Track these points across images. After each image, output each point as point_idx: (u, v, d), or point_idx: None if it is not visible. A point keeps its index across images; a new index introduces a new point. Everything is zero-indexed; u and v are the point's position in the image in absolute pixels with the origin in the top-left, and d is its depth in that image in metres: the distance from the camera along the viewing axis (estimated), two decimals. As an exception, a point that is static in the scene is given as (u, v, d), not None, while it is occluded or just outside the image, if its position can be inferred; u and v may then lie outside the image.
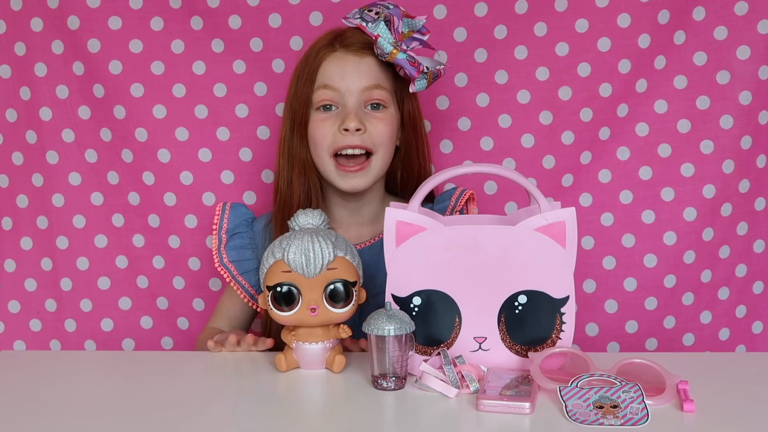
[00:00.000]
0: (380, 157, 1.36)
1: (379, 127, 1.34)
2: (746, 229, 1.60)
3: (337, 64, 1.34)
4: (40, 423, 1.00)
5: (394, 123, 1.37)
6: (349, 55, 1.34)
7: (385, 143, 1.36)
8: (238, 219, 1.44)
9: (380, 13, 1.33)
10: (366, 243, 1.41)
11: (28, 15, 1.59)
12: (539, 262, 1.10)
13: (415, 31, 1.35)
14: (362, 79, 1.33)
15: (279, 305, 1.13)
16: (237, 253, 1.42)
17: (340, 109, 1.34)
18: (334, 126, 1.34)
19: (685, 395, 1.01)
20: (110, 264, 1.64)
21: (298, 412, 1.05)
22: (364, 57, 1.34)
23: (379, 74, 1.35)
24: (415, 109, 1.41)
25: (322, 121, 1.35)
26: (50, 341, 1.66)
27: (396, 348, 1.07)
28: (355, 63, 1.34)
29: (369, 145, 1.34)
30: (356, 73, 1.34)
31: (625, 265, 1.60)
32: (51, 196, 1.63)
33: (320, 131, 1.35)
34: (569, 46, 1.56)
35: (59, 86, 1.60)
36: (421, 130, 1.44)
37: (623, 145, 1.58)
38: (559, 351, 1.10)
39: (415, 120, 1.42)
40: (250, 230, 1.44)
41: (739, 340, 1.63)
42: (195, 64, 1.59)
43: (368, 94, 1.34)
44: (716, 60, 1.55)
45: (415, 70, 1.31)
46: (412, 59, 1.32)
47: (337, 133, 1.33)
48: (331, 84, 1.33)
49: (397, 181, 1.46)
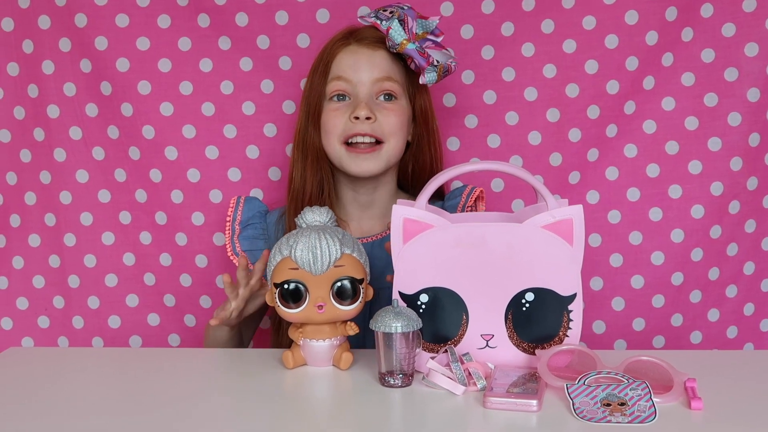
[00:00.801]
0: (391, 146, 1.38)
1: (389, 117, 1.36)
2: (754, 226, 1.59)
3: (350, 57, 1.37)
4: (48, 419, 1.00)
5: (405, 115, 1.39)
6: (362, 48, 1.37)
7: (395, 133, 1.37)
8: (252, 211, 1.46)
9: (394, 12, 1.35)
10: (377, 236, 1.42)
11: (35, 13, 1.59)
12: (546, 259, 1.10)
13: (429, 33, 1.37)
14: (374, 71, 1.36)
15: (286, 302, 1.14)
16: (250, 243, 1.43)
17: (352, 99, 1.37)
18: (346, 115, 1.36)
19: (693, 393, 1.01)
20: (117, 261, 1.64)
21: (305, 409, 1.05)
22: (376, 50, 1.37)
23: (391, 67, 1.38)
24: (426, 104, 1.43)
25: (335, 110, 1.37)
26: (58, 338, 1.66)
27: (403, 345, 1.07)
28: (367, 56, 1.37)
29: (379, 134, 1.36)
30: (368, 65, 1.36)
31: (633, 262, 1.59)
32: (59, 194, 1.63)
33: (332, 120, 1.37)
34: (576, 43, 1.55)
35: (66, 84, 1.60)
36: (433, 125, 1.45)
37: (630, 143, 1.58)
38: (567, 348, 1.10)
39: (427, 114, 1.43)
40: (263, 222, 1.45)
41: (747, 337, 1.62)
42: (202, 62, 1.59)
43: (380, 85, 1.36)
44: (724, 57, 1.54)
45: (425, 61, 1.33)
46: (422, 50, 1.34)
47: (348, 122, 1.35)
48: (344, 75, 1.37)
49: (409, 175, 1.46)
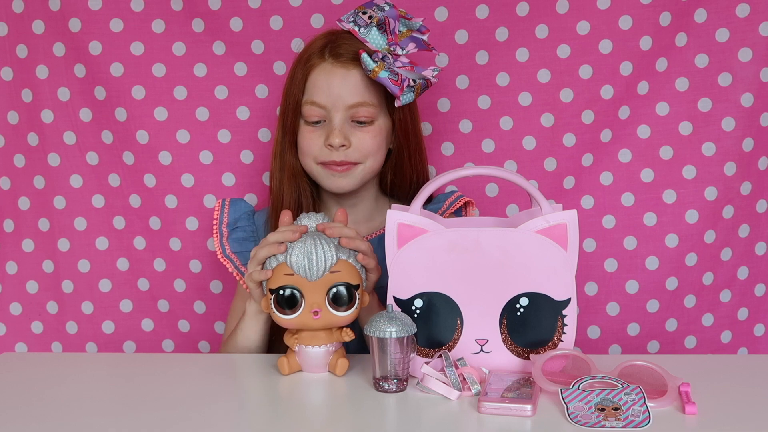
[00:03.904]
0: (367, 166, 1.38)
1: (365, 141, 1.36)
2: (748, 231, 1.60)
3: (324, 78, 1.35)
4: (42, 425, 1.00)
5: (382, 133, 1.38)
6: (337, 68, 1.34)
7: (372, 154, 1.37)
8: (238, 213, 1.45)
9: (373, 17, 1.33)
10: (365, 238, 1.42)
11: (29, 17, 1.59)
12: (541, 264, 1.10)
13: (414, 30, 1.35)
14: (348, 96, 1.34)
15: (282, 308, 1.13)
16: (239, 244, 1.42)
17: (326, 122, 1.36)
18: (320, 139, 1.36)
19: (687, 398, 1.01)
20: (111, 266, 1.64)
21: (300, 415, 1.05)
22: (350, 69, 1.34)
23: (365, 90, 1.35)
24: (407, 118, 1.40)
25: (310, 132, 1.37)
26: (51, 343, 1.66)
27: (398, 350, 1.07)
28: (341, 77, 1.34)
29: (354, 159, 1.36)
30: (342, 88, 1.34)
31: (627, 267, 1.59)
32: (52, 199, 1.63)
33: (307, 143, 1.37)
34: (571, 48, 1.56)
35: (61, 88, 1.60)
36: (415, 137, 1.43)
37: (625, 147, 1.58)
38: (561, 353, 1.10)
39: (407, 128, 1.41)
40: (252, 223, 1.45)
41: (741, 342, 1.63)
42: (196, 67, 1.59)
43: (354, 111, 1.35)
44: (718, 62, 1.55)
45: (398, 89, 1.30)
46: (394, 77, 1.30)
47: (323, 148, 1.35)
48: (318, 101, 1.35)
49: (388, 182, 1.46)
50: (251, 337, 1.31)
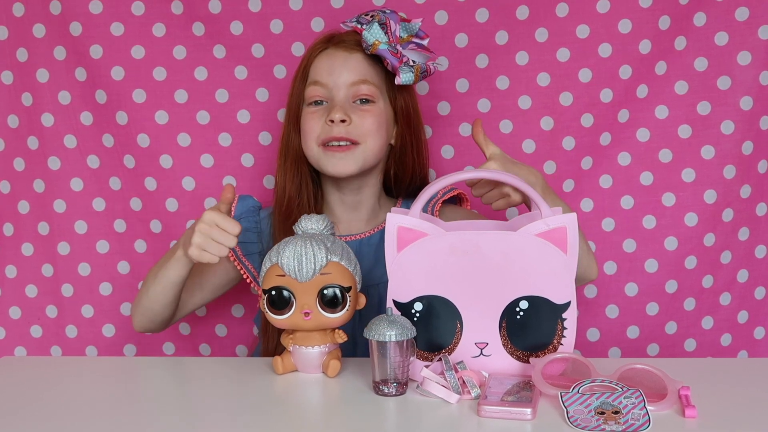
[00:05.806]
0: (368, 147, 1.37)
1: (365, 119, 1.37)
2: (747, 234, 1.60)
3: (326, 61, 1.38)
4: (41, 429, 1.00)
5: (383, 116, 1.39)
6: (339, 52, 1.38)
7: (372, 134, 1.37)
8: (245, 207, 1.46)
9: (375, 16, 1.35)
10: (365, 234, 1.43)
11: (30, 21, 1.59)
12: (540, 267, 1.10)
13: (414, 35, 1.37)
14: (350, 74, 1.37)
15: (273, 308, 1.14)
16: (242, 235, 1.42)
17: (329, 103, 1.38)
18: (322, 118, 1.37)
19: (687, 401, 1.01)
20: (112, 269, 1.64)
21: (298, 416, 1.05)
22: (352, 53, 1.38)
23: (367, 70, 1.38)
24: (408, 105, 1.43)
25: (312, 114, 1.38)
26: (51, 347, 1.66)
27: (397, 353, 1.07)
28: (343, 58, 1.38)
29: (354, 137, 1.36)
30: (344, 68, 1.37)
31: (627, 270, 1.60)
32: (52, 202, 1.63)
33: (309, 124, 1.38)
34: (570, 52, 1.56)
35: (61, 92, 1.60)
36: (417, 127, 1.45)
37: (624, 151, 1.58)
38: (561, 356, 1.10)
39: (410, 115, 1.43)
40: (256, 216, 1.46)
41: (741, 345, 1.63)
42: (197, 70, 1.59)
43: (356, 89, 1.37)
44: (717, 65, 1.55)
45: (397, 60, 1.33)
46: (394, 50, 1.34)
47: (324, 125, 1.36)
48: (320, 80, 1.38)
49: (392, 178, 1.46)
50: (171, 277, 1.31)
